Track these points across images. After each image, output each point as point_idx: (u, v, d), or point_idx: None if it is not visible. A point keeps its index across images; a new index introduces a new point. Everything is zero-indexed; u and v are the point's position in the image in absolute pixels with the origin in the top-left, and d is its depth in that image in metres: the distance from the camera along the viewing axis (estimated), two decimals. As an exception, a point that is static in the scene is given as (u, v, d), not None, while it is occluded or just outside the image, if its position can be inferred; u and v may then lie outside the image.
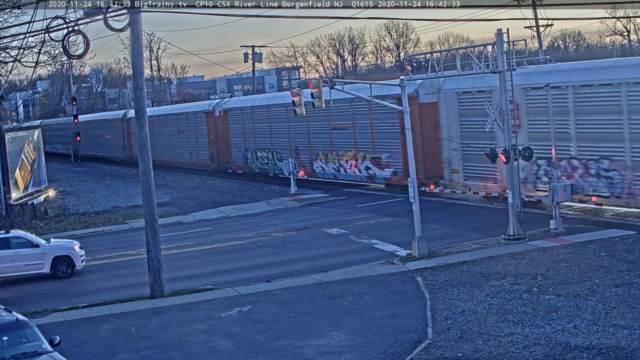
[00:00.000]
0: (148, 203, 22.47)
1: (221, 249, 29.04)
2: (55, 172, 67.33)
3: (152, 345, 17.80)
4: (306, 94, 25.37)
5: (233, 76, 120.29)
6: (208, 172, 54.29)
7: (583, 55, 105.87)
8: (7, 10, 37.06)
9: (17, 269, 25.79)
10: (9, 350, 14.54)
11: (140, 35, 22.15)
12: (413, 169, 24.71)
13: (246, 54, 73.10)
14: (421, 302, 19.14)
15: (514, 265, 21.78)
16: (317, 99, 24.47)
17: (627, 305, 17.19)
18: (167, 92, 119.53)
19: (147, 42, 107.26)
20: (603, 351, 14.64)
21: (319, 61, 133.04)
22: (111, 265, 28.01)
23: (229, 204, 40.56)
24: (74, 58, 33.37)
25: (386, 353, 15.83)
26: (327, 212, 35.34)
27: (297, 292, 21.34)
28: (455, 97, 32.94)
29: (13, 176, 36.99)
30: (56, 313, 21.31)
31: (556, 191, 25.49)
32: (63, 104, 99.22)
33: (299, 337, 17.40)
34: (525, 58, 30.43)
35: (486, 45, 26.22)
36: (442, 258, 23.69)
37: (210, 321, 19.27)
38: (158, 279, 22.37)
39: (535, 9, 53.35)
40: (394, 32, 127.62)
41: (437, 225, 29.08)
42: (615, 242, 23.44)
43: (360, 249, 26.79)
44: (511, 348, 15.34)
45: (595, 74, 27.17)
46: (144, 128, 22.42)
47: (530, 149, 25.32)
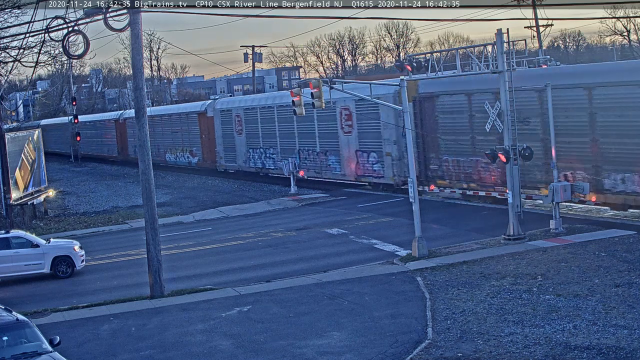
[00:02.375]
0: (148, 203, 22.47)
1: (221, 249, 29.04)
2: (55, 172, 67.33)
3: (152, 345, 17.80)
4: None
5: (233, 76, 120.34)
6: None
7: (583, 55, 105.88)
8: (7, 10, 37.06)
9: (17, 269, 25.78)
10: (9, 350, 14.54)
11: (140, 35, 22.15)
12: (413, 169, 24.71)
13: (246, 54, 73.10)
14: (421, 302, 19.14)
15: (514, 265, 21.78)
16: (318, 99, 24.47)
17: (627, 305, 17.19)
18: (167, 92, 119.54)
19: (147, 42, 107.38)
20: (603, 351, 14.64)
21: (319, 61, 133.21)
22: (111, 265, 28.01)
23: (229, 204, 40.55)
24: (74, 58, 33.34)
25: (386, 353, 15.83)
26: (327, 212, 35.35)
27: (297, 292, 21.34)
28: (219, 113, 51.02)
29: (13, 176, 36.99)
30: (56, 313, 21.31)
31: (556, 191, 25.48)
32: (63, 104, 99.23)
33: (299, 337, 17.40)
34: (525, 58, 30.46)
35: (486, 45, 26.22)
36: (442, 258, 23.69)
37: (210, 321, 19.27)
38: (158, 279, 22.37)
39: (535, 9, 53.35)
40: (394, 32, 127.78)
41: (437, 225, 29.08)
42: (615, 242, 23.44)
43: (360, 249, 26.79)
44: (511, 348, 15.34)
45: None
46: (144, 128, 22.42)
47: (530, 148, 25.33)
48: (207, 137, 53.25)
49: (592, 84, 26.35)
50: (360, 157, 38.42)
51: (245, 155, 48.45)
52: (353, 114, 38.06)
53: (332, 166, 40.97)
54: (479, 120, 29.69)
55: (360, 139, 38.20)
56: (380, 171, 37.26)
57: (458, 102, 32.01)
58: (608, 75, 26.85)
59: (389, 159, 36.35)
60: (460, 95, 31.74)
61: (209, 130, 52.69)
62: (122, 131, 70.62)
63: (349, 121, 38.56)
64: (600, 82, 26.25)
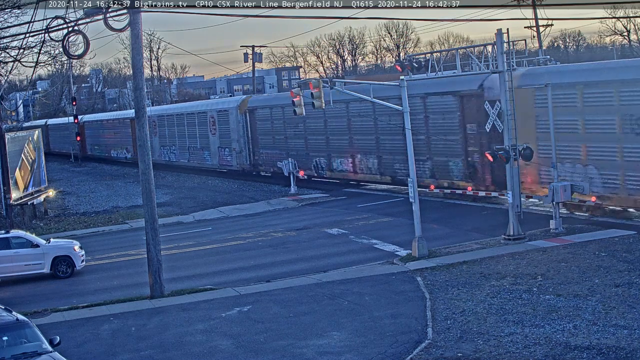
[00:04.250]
0: (148, 203, 22.47)
1: (221, 249, 29.04)
2: (55, 172, 67.32)
3: (152, 345, 17.80)
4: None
5: (233, 76, 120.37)
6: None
7: (583, 55, 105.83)
8: (7, 10, 37.05)
9: (17, 269, 25.78)
10: (9, 350, 14.54)
11: (140, 35, 22.15)
12: (413, 169, 24.71)
13: (246, 54, 73.04)
14: (421, 302, 19.14)
15: (514, 265, 21.78)
16: (318, 99, 24.47)
17: (627, 305, 17.19)
18: (167, 92, 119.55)
19: (147, 42, 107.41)
20: (603, 351, 14.64)
21: (319, 61, 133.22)
22: (111, 265, 28.01)
23: (229, 204, 40.56)
24: (74, 58, 33.33)
25: (386, 353, 15.83)
26: (327, 212, 35.35)
27: (297, 292, 21.34)
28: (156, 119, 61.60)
29: (13, 176, 36.98)
30: (56, 313, 21.31)
31: (556, 191, 25.49)
32: (63, 104, 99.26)
33: (299, 337, 17.40)
34: (525, 58, 30.45)
35: (486, 45, 26.22)
36: (442, 258, 23.69)
37: (210, 321, 19.27)
38: (158, 279, 22.37)
39: (535, 9, 53.32)
40: (394, 32, 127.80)
41: (437, 225, 29.08)
42: (615, 242, 23.44)
43: (360, 249, 26.79)
44: (511, 348, 15.34)
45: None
46: (144, 128, 22.44)
47: (530, 148, 25.34)
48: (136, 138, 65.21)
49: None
50: (220, 152, 52.09)
51: (159, 151, 61.57)
52: (216, 121, 52.19)
53: (206, 158, 53.98)
54: (278, 125, 45.65)
55: (220, 139, 51.82)
56: (231, 161, 50.79)
57: (268, 113, 46.92)
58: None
59: (234, 152, 50.04)
60: (266, 109, 47.08)
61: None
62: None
63: (214, 126, 52.50)
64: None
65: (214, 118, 51.93)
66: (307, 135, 43.14)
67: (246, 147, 48.38)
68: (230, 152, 50.24)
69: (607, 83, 25.88)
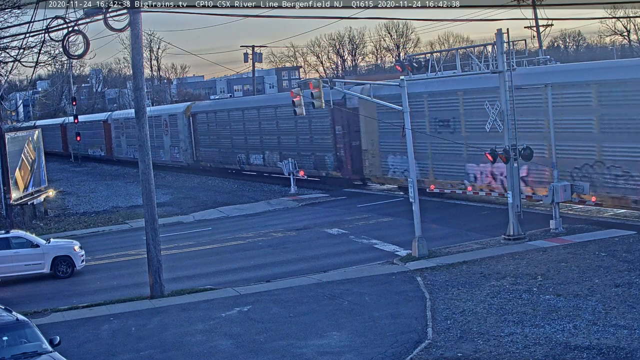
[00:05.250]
0: (148, 203, 22.47)
1: (221, 249, 29.05)
2: (55, 172, 67.32)
3: (152, 345, 17.80)
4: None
5: (233, 76, 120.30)
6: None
7: (583, 55, 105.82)
8: (7, 10, 37.03)
9: (17, 269, 25.78)
10: (9, 350, 14.54)
11: (140, 35, 22.14)
12: (413, 169, 24.72)
13: (246, 54, 73.08)
14: (421, 302, 19.14)
15: (514, 265, 21.78)
16: (318, 99, 24.49)
17: (627, 305, 17.19)
18: (167, 92, 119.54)
19: (147, 42, 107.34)
20: (603, 351, 14.64)
21: (319, 61, 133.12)
22: (111, 265, 28.01)
23: (229, 204, 40.56)
24: (74, 58, 33.29)
25: (386, 353, 15.83)
26: (327, 212, 35.35)
27: (297, 292, 21.34)
28: (113, 121, 72.14)
29: (13, 176, 36.97)
30: (56, 313, 21.31)
31: (556, 191, 25.49)
32: (63, 104, 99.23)
33: (299, 337, 17.40)
34: (525, 58, 30.45)
35: (486, 45, 26.21)
36: (442, 258, 23.70)
37: (210, 321, 19.27)
38: (158, 279, 22.37)
39: (535, 9, 53.34)
40: (394, 32, 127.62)
41: (437, 225, 29.08)
42: (615, 242, 23.44)
43: (360, 249, 26.79)
44: (511, 348, 15.35)
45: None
46: (144, 128, 22.43)
47: (530, 148, 25.34)
48: (107, 137, 74.72)
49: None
50: (172, 150, 60.15)
51: (125, 150, 69.27)
52: (168, 123, 60.24)
53: (161, 155, 60.80)
54: (213, 127, 54.04)
55: (171, 138, 59.96)
56: (179, 158, 59.03)
57: (205, 117, 55.31)
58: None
59: (182, 150, 58.32)
60: (203, 114, 55.62)
61: (109, 133, 74.34)
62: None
63: (167, 128, 60.46)
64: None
65: (167, 121, 60.34)
66: (233, 135, 51.68)
67: (190, 146, 57.21)
68: (179, 150, 58.89)
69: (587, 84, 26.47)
